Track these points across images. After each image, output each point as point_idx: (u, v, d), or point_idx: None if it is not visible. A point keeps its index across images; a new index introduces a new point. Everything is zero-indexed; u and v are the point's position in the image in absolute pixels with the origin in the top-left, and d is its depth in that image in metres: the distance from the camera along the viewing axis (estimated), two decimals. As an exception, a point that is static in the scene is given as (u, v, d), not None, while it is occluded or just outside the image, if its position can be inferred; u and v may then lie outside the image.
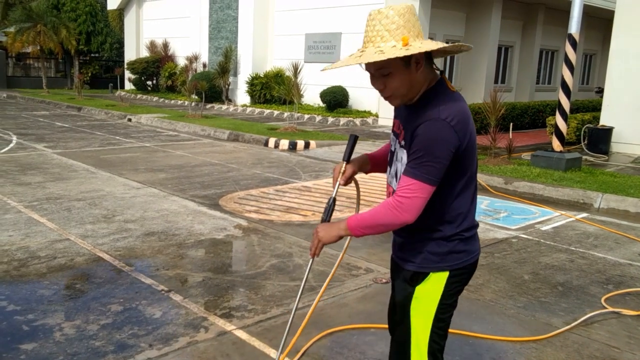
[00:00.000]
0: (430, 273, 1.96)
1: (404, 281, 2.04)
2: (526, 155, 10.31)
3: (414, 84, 1.89)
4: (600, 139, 11.72)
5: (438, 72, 1.97)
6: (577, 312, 3.93)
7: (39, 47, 25.43)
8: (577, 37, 9.13)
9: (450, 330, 3.44)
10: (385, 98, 1.96)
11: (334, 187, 2.18)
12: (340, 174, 2.16)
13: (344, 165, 2.17)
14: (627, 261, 5.12)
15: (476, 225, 2.02)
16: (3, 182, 7.30)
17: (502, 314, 3.88)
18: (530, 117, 16.11)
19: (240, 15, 20.17)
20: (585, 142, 11.86)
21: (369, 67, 1.89)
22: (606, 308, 4.01)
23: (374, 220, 1.90)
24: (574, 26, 9.11)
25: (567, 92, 9.30)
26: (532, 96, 20.30)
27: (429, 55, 1.91)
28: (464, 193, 1.94)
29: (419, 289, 1.98)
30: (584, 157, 10.86)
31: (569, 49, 9.18)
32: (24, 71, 30.65)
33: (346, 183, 2.20)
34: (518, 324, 3.73)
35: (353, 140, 2.20)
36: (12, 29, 25.38)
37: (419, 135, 1.83)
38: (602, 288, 4.42)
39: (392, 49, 1.80)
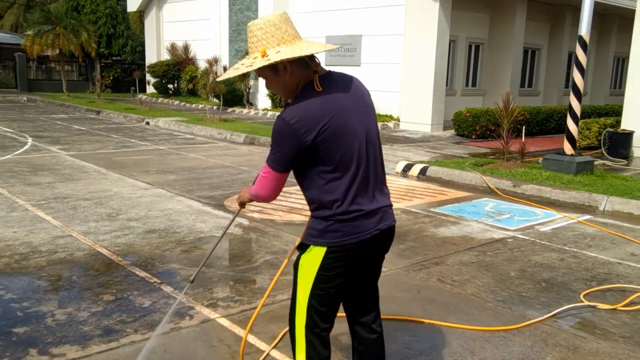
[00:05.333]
0: (311, 245, 2.22)
1: (296, 248, 2.35)
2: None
3: (287, 86, 2.18)
4: (621, 143, 11.59)
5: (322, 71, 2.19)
6: (554, 305, 3.99)
7: (58, 50, 25.33)
8: (587, 38, 9.07)
9: (422, 319, 3.63)
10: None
11: None
12: None
13: None
14: (618, 260, 5.13)
15: (358, 210, 2.17)
16: (14, 182, 7.57)
17: (479, 306, 3.96)
18: (556, 122, 15.81)
19: (259, 17, 20.35)
20: (606, 146, 11.72)
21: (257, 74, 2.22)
22: (583, 302, 4.07)
23: (253, 191, 2.31)
24: (584, 27, 9.05)
25: (578, 95, 9.22)
26: (560, 100, 19.78)
27: (310, 57, 2.15)
28: (336, 181, 2.14)
29: (303, 257, 2.26)
30: (603, 161, 10.75)
31: (579, 50, 9.13)
32: (46, 74, 30.87)
33: None
34: (493, 316, 3.81)
35: None
36: (30, 32, 25.22)
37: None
38: (585, 284, 4.46)
39: (251, 62, 2.13)
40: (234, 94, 20.01)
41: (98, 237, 5.26)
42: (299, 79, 2.15)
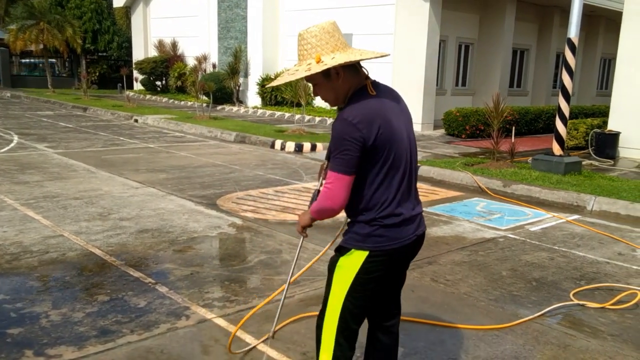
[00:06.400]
0: (353, 249, 2.25)
1: (334, 251, 2.37)
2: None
3: (338, 90, 2.24)
4: (607, 144, 11.74)
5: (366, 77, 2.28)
6: (544, 304, 4.07)
7: (42, 46, 24.84)
8: (575, 41, 9.15)
9: (418, 319, 3.68)
10: (324, 101, 2.30)
11: (317, 181, 2.53)
12: (323, 170, 2.48)
13: (326, 162, 2.46)
14: (606, 259, 5.23)
15: (401, 214, 2.23)
16: (1, 181, 7.49)
17: (472, 305, 4.02)
18: (545, 122, 15.98)
19: (249, 15, 20.19)
20: (593, 147, 11.87)
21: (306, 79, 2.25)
22: (572, 301, 4.16)
23: (317, 207, 2.29)
24: (573, 30, 9.13)
25: (567, 96, 9.31)
26: (548, 100, 19.94)
27: (359, 65, 2.24)
28: (383, 184, 2.19)
29: (342, 260, 2.30)
30: (590, 162, 10.88)
31: (568, 53, 9.21)
32: (30, 70, 30.24)
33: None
34: (486, 315, 3.88)
35: None
36: (13, 27, 24.66)
37: (331, 133, 2.20)
38: (574, 283, 4.55)
39: (307, 67, 2.17)
40: (223, 92, 19.90)
41: (90, 237, 5.24)
42: (349, 84, 2.23)
